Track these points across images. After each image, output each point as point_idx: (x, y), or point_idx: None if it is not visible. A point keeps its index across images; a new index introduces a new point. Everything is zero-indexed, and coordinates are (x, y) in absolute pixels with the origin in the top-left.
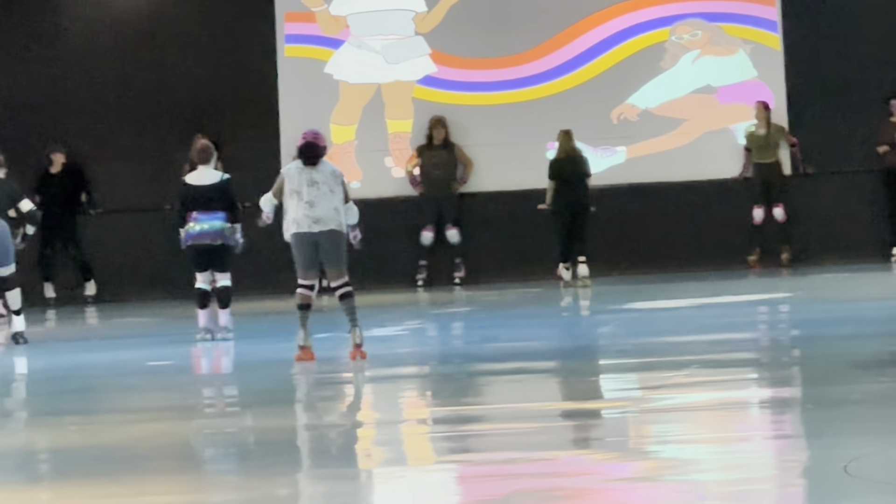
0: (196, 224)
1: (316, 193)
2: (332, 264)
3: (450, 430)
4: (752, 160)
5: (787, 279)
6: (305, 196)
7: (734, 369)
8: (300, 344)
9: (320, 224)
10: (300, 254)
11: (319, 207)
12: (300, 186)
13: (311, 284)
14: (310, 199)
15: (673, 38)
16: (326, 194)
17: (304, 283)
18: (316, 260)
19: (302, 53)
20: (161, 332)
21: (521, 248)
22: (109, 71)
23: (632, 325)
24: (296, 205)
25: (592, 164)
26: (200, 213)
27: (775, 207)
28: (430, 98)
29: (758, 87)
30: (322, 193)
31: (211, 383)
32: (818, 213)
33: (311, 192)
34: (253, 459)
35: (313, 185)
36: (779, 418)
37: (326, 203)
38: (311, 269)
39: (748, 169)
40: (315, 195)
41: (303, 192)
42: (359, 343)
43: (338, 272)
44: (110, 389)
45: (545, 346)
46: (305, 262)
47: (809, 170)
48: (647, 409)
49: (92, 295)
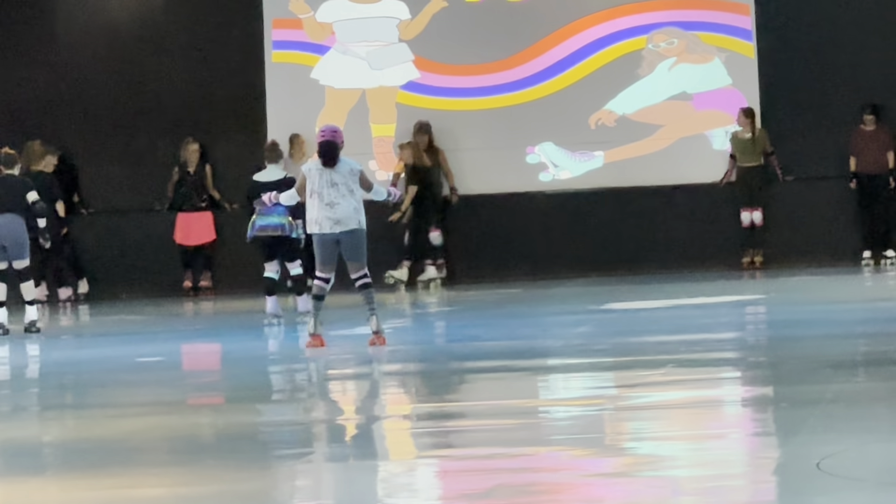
0: (259, 218)
1: (336, 195)
2: (352, 259)
3: (432, 426)
4: (736, 164)
5: (762, 281)
6: (326, 198)
7: (709, 368)
8: (311, 332)
9: (341, 225)
10: (321, 250)
11: (340, 209)
12: (321, 188)
13: (327, 277)
14: (330, 201)
15: (650, 46)
16: (346, 195)
17: (321, 275)
18: (335, 256)
19: (289, 59)
20: (151, 330)
21: (501, 250)
22: (101, 75)
23: (609, 325)
24: (317, 205)
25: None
26: (264, 208)
27: (755, 211)
28: (413, 103)
29: (732, 95)
30: (342, 194)
31: (200, 379)
32: (793, 218)
33: (332, 193)
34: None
35: (333, 187)
36: (753, 416)
37: (346, 203)
38: (329, 264)
39: (731, 174)
40: (335, 196)
41: (323, 194)
42: (376, 330)
43: (358, 265)
44: (102, 385)
45: (525, 346)
46: (325, 259)
47: (788, 178)
48: (624, 407)
49: (84, 293)
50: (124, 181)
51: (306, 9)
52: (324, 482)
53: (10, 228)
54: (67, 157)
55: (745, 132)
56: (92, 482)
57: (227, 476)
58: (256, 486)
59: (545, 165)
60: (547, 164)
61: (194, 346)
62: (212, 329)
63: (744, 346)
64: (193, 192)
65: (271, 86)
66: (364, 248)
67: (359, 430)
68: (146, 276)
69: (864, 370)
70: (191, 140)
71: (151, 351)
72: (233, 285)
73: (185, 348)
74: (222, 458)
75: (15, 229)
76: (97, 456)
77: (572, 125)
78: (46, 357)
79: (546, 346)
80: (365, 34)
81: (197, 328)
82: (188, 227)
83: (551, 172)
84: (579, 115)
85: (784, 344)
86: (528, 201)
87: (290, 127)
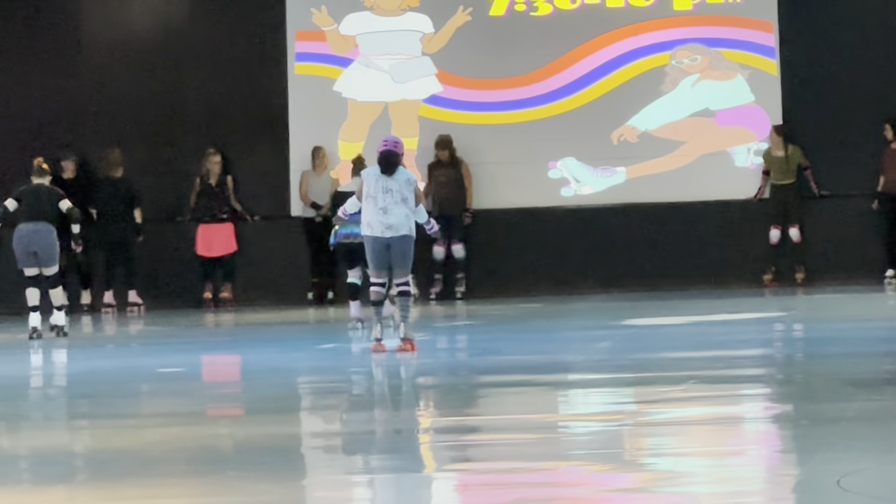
0: (342, 226)
1: (390, 201)
2: (399, 265)
3: (453, 439)
4: (769, 181)
5: (784, 299)
6: (380, 203)
7: (730, 385)
8: (375, 337)
9: (392, 230)
10: (372, 255)
11: (392, 214)
12: (376, 193)
13: (382, 283)
14: (384, 206)
15: (673, 63)
16: (399, 202)
17: (375, 281)
18: (386, 261)
19: (312, 71)
20: (171, 340)
21: (522, 264)
22: (125, 86)
23: (630, 340)
24: (371, 209)
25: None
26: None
27: (791, 228)
28: (436, 117)
29: (755, 112)
30: (395, 201)
31: (221, 390)
32: (817, 236)
33: (386, 199)
34: (260, 465)
35: (388, 193)
36: (773, 433)
37: (399, 210)
38: (381, 269)
39: (764, 191)
40: (389, 202)
41: (378, 199)
42: (406, 337)
43: (403, 272)
44: (122, 395)
45: (545, 360)
46: (377, 263)
47: (825, 192)
48: (644, 423)
49: (87, 304)
50: (146, 191)
51: (330, 21)
52: (344, 495)
53: (42, 236)
54: (87, 165)
55: (777, 149)
56: (111, 493)
57: (247, 487)
58: (277, 497)
59: (567, 181)
60: (569, 180)
61: (215, 358)
62: (232, 340)
63: (765, 362)
64: (215, 204)
65: (294, 98)
66: (411, 255)
67: (379, 443)
68: (167, 286)
69: (886, 389)
70: (213, 151)
71: (172, 362)
72: (253, 297)
73: (206, 359)
74: (243, 470)
75: (46, 237)
76: (117, 466)
77: (595, 141)
78: (68, 366)
79: (566, 361)
80: (388, 47)
81: (217, 339)
82: (209, 239)
83: (573, 188)
84: (602, 131)
85: (806, 361)
86: (549, 216)
87: (313, 139)
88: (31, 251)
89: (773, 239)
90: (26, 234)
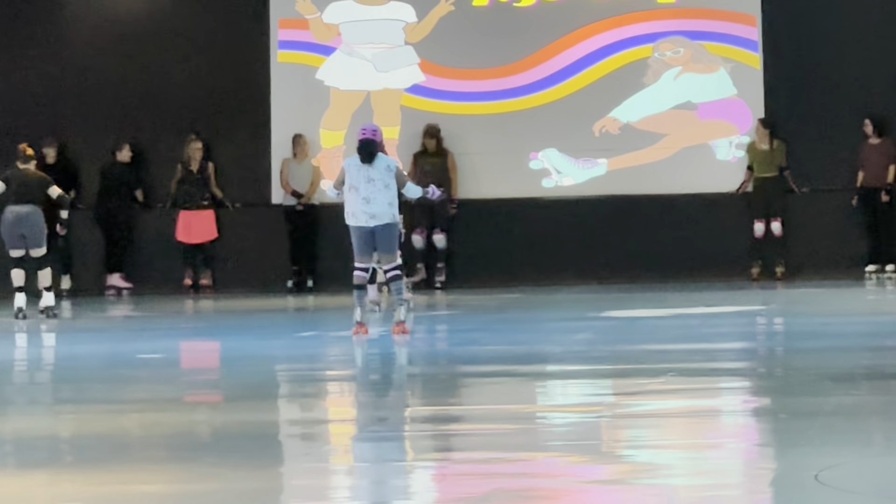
0: None
1: (372, 190)
2: (385, 252)
3: (430, 429)
4: (752, 175)
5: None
6: (363, 192)
7: (709, 378)
8: (357, 320)
9: (376, 219)
10: (357, 242)
11: (375, 203)
12: (358, 183)
13: (365, 267)
14: (366, 196)
15: (656, 55)
16: (381, 190)
17: (359, 265)
18: (371, 248)
19: (294, 59)
20: (151, 326)
21: (502, 255)
22: (106, 72)
23: (609, 332)
24: (354, 199)
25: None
26: None
27: (773, 222)
28: (418, 106)
29: (737, 105)
30: (377, 189)
31: (199, 376)
32: (801, 230)
33: (368, 188)
34: (238, 452)
35: (370, 182)
36: (752, 427)
37: (381, 198)
38: (365, 255)
39: (748, 185)
40: (371, 191)
41: (360, 189)
42: (401, 320)
43: (390, 257)
44: (101, 380)
45: (524, 351)
46: (361, 249)
47: (804, 189)
48: (622, 415)
49: (67, 289)
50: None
51: (313, 9)
52: (321, 483)
53: (30, 218)
54: (68, 151)
55: (762, 143)
56: (88, 478)
57: (224, 474)
58: (254, 485)
59: (548, 172)
60: (550, 171)
61: (194, 344)
62: (212, 327)
63: (744, 356)
64: (196, 190)
65: (276, 85)
66: (396, 240)
67: (356, 432)
68: (147, 272)
69: (864, 383)
70: (194, 138)
71: (151, 348)
72: (233, 284)
73: (185, 346)
74: (221, 456)
75: (34, 219)
76: (94, 451)
77: (576, 132)
78: (47, 350)
79: (545, 352)
80: (371, 36)
81: (197, 326)
82: (190, 225)
83: (554, 179)
84: (583, 122)
85: (785, 355)
86: (530, 207)
87: (294, 127)
88: (19, 233)
89: (758, 232)
90: (15, 217)
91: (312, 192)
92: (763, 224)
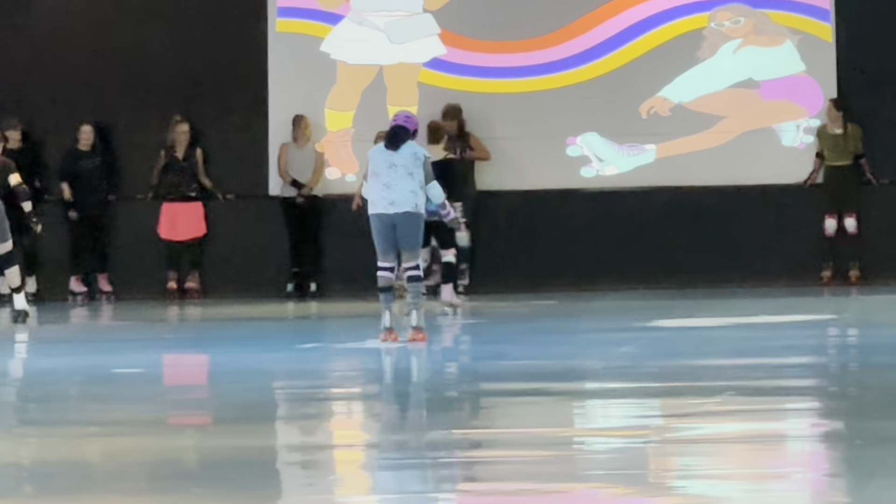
0: None
1: (394, 176)
2: (406, 246)
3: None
4: (823, 163)
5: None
6: (384, 178)
7: (772, 398)
8: (385, 326)
9: (395, 206)
10: (378, 235)
11: (396, 190)
12: (380, 168)
13: (390, 266)
14: (387, 182)
15: (712, 25)
16: (404, 177)
17: (383, 265)
18: (393, 242)
19: (296, 28)
20: (129, 337)
21: (534, 255)
22: (79, 44)
23: (657, 345)
24: (376, 186)
25: (618, 161)
26: None
27: (847, 217)
28: (438, 83)
29: (805, 83)
30: (399, 176)
31: (185, 395)
32: (884, 226)
33: (390, 174)
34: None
35: (392, 168)
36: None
37: (403, 185)
38: (389, 252)
39: (817, 174)
40: (392, 178)
41: (381, 175)
42: (417, 326)
43: (411, 255)
44: (72, 399)
45: (560, 366)
46: (383, 243)
47: (883, 181)
48: (672, 440)
49: (32, 293)
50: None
51: None
52: None
53: None
54: (33, 134)
55: (834, 126)
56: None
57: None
58: None
59: (588, 159)
60: (590, 158)
61: (178, 357)
62: (199, 338)
63: (814, 372)
64: (182, 180)
65: (275, 59)
66: (419, 235)
67: (366, 459)
68: (126, 274)
69: None
70: (180, 119)
71: (129, 361)
72: (224, 288)
73: (168, 359)
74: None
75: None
76: (65, 481)
77: (620, 114)
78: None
79: (584, 368)
80: (384, 2)
81: (182, 336)
82: (175, 220)
83: (595, 167)
84: (629, 103)
85: (862, 372)
86: (567, 200)
87: (296, 107)
88: None
89: (829, 230)
90: None
91: (315, 181)
92: (835, 220)
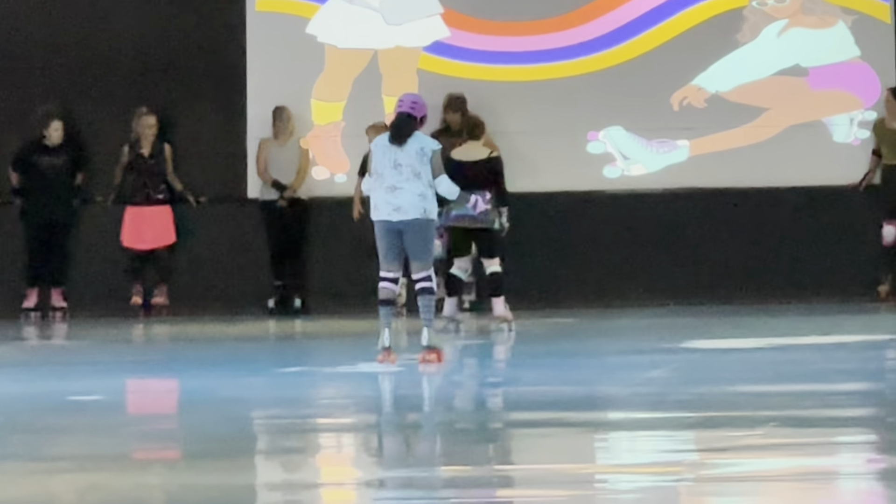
0: (456, 205)
1: (398, 178)
2: (415, 255)
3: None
4: (881, 162)
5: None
6: (388, 180)
7: (823, 429)
8: (383, 345)
9: (401, 213)
10: (381, 242)
11: (401, 194)
12: (383, 168)
13: (394, 277)
14: (391, 184)
15: (753, 4)
16: (410, 179)
17: (386, 275)
18: (399, 250)
19: (278, 7)
20: (86, 359)
21: (551, 266)
22: (33, 26)
23: (691, 369)
24: (379, 188)
25: (647, 160)
26: None
27: None
28: (440, 70)
29: (861, 71)
30: (405, 178)
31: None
32: None
33: (394, 175)
34: None
35: (396, 168)
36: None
37: (409, 189)
38: (393, 261)
39: (874, 174)
40: (397, 180)
41: (385, 175)
42: (426, 345)
43: (421, 265)
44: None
45: (580, 393)
46: (387, 251)
47: None
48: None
49: None
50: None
51: None
52: None
53: None
54: None
55: (893, 120)
56: None
57: None
58: None
59: (612, 157)
60: (614, 156)
61: (144, 383)
62: (168, 360)
63: (870, 401)
64: (148, 180)
65: (254, 42)
66: (430, 243)
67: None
68: (82, 287)
69: None
70: (145, 111)
71: (87, 387)
72: (196, 303)
73: (132, 385)
74: None
75: None
76: None
77: (648, 105)
78: None
79: (608, 395)
80: None
81: (148, 358)
82: (140, 226)
83: (620, 166)
84: (658, 93)
85: None
86: (587, 203)
87: (277, 97)
88: None
89: (888, 238)
90: None
91: (300, 182)
92: (894, 227)
